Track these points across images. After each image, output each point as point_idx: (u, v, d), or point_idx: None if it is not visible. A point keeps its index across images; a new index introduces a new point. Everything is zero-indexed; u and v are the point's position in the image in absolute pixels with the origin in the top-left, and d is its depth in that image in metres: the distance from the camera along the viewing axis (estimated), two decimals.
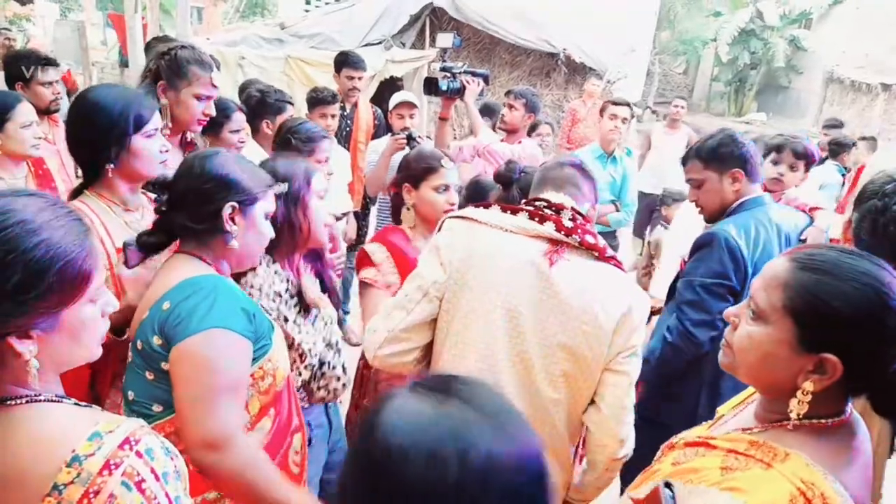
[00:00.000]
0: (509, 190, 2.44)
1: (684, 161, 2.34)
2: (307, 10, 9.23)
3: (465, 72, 3.76)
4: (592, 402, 1.69)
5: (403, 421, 0.72)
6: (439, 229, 1.79)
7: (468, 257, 1.68)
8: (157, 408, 1.43)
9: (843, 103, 18.62)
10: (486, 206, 1.76)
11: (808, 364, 1.02)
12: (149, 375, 1.42)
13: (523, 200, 1.80)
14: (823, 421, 1.04)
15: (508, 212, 1.71)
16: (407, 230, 2.29)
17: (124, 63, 11.37)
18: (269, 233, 1.60)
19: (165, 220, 1.54)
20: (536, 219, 1.67)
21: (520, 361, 1.66)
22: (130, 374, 1.47)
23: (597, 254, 1.66)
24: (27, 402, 0.95)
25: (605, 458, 1.69)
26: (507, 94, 4.16)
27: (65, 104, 3.61)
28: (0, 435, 0.93)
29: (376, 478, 0.71)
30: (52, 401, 0.98)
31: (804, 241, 2.32)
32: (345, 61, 4.30)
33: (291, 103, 3.43)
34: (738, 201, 2.25)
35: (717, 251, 2.15)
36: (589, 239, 1.66)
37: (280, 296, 1.83)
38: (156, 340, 1.39)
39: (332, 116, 3.76)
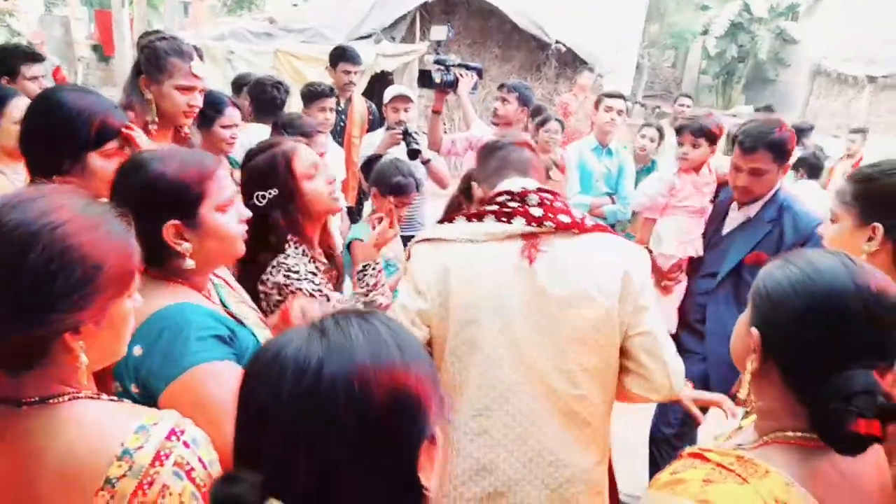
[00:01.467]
0: None
1: (752, 148, 2.41)
2: (295, 5, 9.15)
3: (459, 65, 3.75)
4: (629, 371, 1.65)
5: (265, 349, 0.79)
6: (408, 257, 1.74)
7: (443, 281, 1.62)
8: None
9: (830, 95, 18.73)
10: (451, 220, 1.71)
11: (750, 342, 1.06)
12: None
13: (487, 198, 1.73)
14: (809, 438, 1.02)
15: (474, 220, 1.66)
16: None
17: (102, 59, 11.27)
18: (237, 228, 1.42)
19: None
20: (504, 218, 1.62)
21: (527, 371, 1.60)
22: None
23: (576, 230, 1.62)
24: (70, 399, 0.96)
25: (666, 397, 1.69)
26: (500, 87, 4.15)
27: None
28: (51, 433, 0.93)
29: (239, 398, 0.79)
30: (91, 397, 0.99)
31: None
32: (342, 55, 4.28)
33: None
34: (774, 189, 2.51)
35: None
36: (563, 219, 1.61)
37: (315, 274, 1.83)
38: (133, 388, 1.28)
39: (330, 110, 3.73)
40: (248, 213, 1.47)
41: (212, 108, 2.83)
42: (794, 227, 2.41)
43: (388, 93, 3.97)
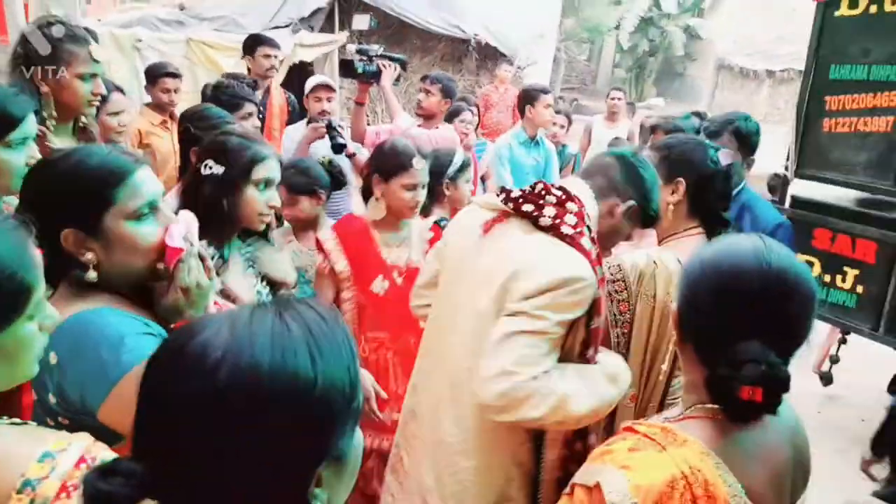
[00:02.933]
0: None
1: (717, 133, 2.53)
2: None
3: (382, 56, 3.68)
4: None
5: (171, 338, 0.75)
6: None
7: (447, 233, 1.89)
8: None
9: (733, 88, 19.72)
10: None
11: (673, 317, 1.19)
12: (50, 423, 1.20)
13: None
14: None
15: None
16: (368, 221, 2.36)
17: None
18: (150, 238, 1.26)
19: None
20: (503, 195, 1.68)
21: (447, 330, 1.71)
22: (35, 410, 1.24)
23: (534, 223, 1.59)
24: None
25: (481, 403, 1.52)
26: (423, 79, 4.11)
27: None
28: None
29: (140, 387, 0.72)
30: None
31: None
32: (258, 40, 4.13)
33: (250, 99, 3.12)
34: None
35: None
36: (527, 207, 1.60)
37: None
38: (51, 399, 1.17)
39: (249, 115, 3.24)
40: (175, 219, 1.34)
41: None
42: (756, 226, 2.46)
43: (310, 82, 3.86)
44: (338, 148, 3.32)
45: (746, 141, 2.58)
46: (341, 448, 0.73)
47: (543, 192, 1.64)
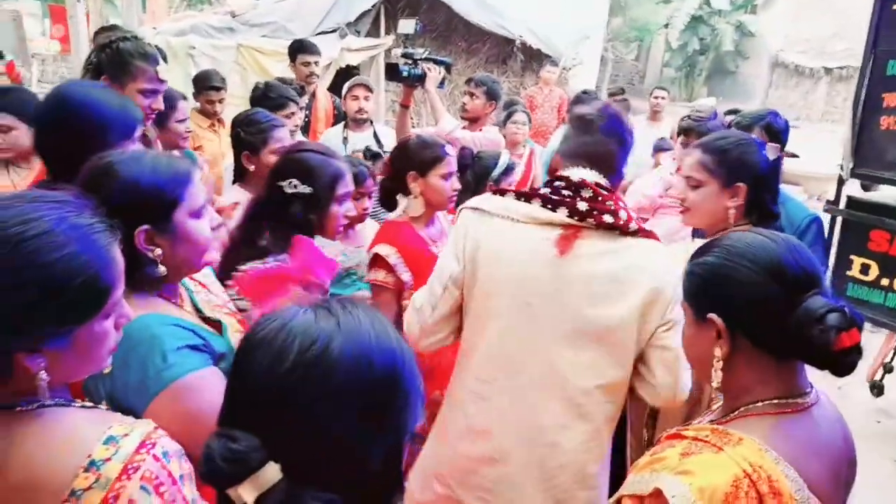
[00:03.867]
0: (463, 175, 2.56)
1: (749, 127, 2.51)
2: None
3: (427, 59, 3.71)
4: (641, 376, 1.66)
5: (272, 321, 0.80)
6: (457, 216, 1.79)
7: (476, 249, 1.67)
8: None
9: (788, 87, 19.15)
10: (502, 194, 1.72)
11: (710, 332, 1.11)
12: None
13: (546, 179, 1.76)
14: (778, 403, 1.08)
15: (522, 199, 1.67)
16: (412, 223, 2.34)
17: (59, 56, 10.83)
18: (207, 234, 1.38)
19: None
20: (549, 205, 1.62)
21: (538, 353, 1.62)
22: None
23: (619, 231, 1.60)
24: (36, 407, 0.93)
25: (667, 405, 1.73)
26: (468, 81, 4.11)
27: None
28: (12, 442, 0.90)
29: (236, 365, 0.81)
30: (60, 405, 0.95)
31: None
32: (299, 48, 4.24)
33: (294, 100, 3.29)
34: None
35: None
36: (607, 218, 1.59)
37: None
38: (104, 407, 1.19)
39: (292, 114, 3.38)
40: (220, 220, 1.45)
41: (165, 104, 2.78)
42: (789, 221, 2.41)
43: (348, 83, 3.93)
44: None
45: (777, 137, 2.58)
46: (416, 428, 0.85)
47: (589, 194, 1.61)
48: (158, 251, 1.29)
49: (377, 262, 2.27)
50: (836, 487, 1.09)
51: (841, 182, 3.59)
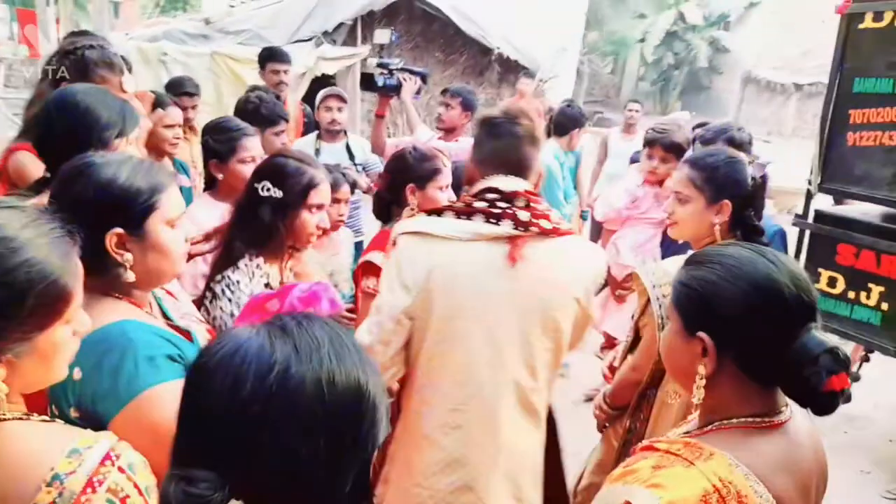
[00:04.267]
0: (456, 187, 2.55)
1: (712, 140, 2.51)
2: (232, 6, 8.93)
3: (402, 69, 3.70)
4: None
5: (223, 345, 0.76)
6: (393, 244, 1.71)
7: (429, 276, 1.62)
8: None
9: (760, 102, 19.52)
10: (439, 213, 1.70)
11: (696, 348, 1.09)
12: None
13: (473, 192, 1.73)
14: (753, 421, 1.09)
15: (463, 216, 1.66)
16: None
17: (27, 61, 10.65)
18: (180, 246, 1.37)
19: None
20: (493, 219, 1.63)
21: (501, 368, 1.66)
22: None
23: (553, 234, 1.67)
24: None
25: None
26: (443, 92, 4.11)
27: None
28: None
29: (187, 396, 0.76)
30: (19, 419, 0.93)
31: None
32: (269, 56, 4.20)
33: (286, 118, 3.21)
34: None
35: None
36: (545, 224, 1.65)
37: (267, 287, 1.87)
38: (72, 413, 1.20)
39: (281, 132, 3.29)
40: (194, 233, 1.42)
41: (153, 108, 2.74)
42: None
43: (321, 93, 3.90)
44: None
45: (739, 149, 2.58)
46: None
47: (523, 203, 1.66)
48: (129, 256, 1.26)
49: (370, 269, 2.26)
50: (806, 503, 1.09)
51: (809, 196, 3.64)
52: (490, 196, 1.67)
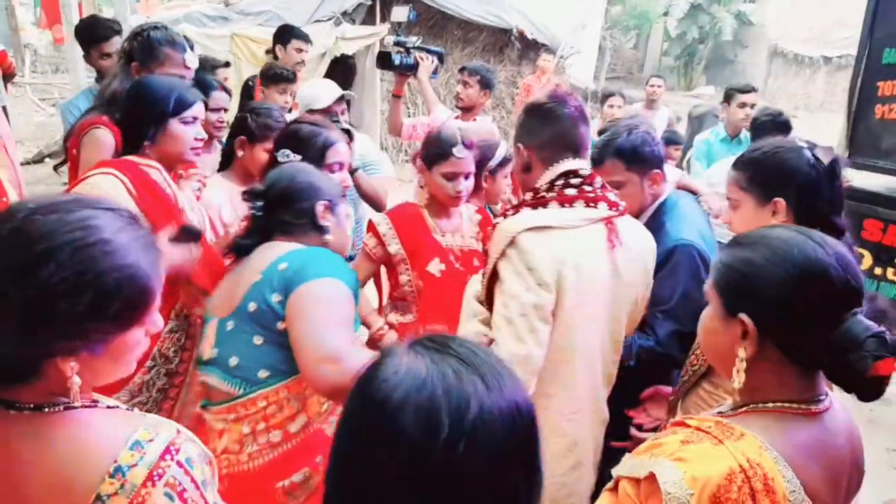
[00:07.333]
0: (478, 178, 2.57)
1: (599, 160, 2.09)
2: None
3: (419, 48, 3.68)
4: None
5: (399, 376, 0.72)
6: (511, 245, 1.64)
7: (560, 269, 1.62)
8: (262, 373, 1.55)
9: (787, 76, 19.08)
10: (544, 205, 1.68)
11: (736, 330, 1.07)
12: (257, 340, 1.55)
13: (550, 178, 1.71)
14: (790, 406, 1.07)
15: (566, 205, 1.67)
16: (425, 208, 2.39)
17: (52, 46, 10.73)
18: (349, 235, 1.78)
19: (261, 222, 1.69)
20: (592, 204, 1.69)
21: (602, 347, 1.77)
22: (232, 341, 1.58)
23: (621, 213, 1.75)
24: (64, 408, 0.94)
25: None
26: (461, 70, 4.07)
27: None
28: (41, 444, 0.92)
29: (371, 431, 0.72)
30: (87, 406, 0.96)
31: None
32: (292, 33, 4.13)
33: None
34: (655, 202, 2.16)
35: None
36: (623, 204, 1.75)
37: None
38: (275, 298, 1.52)
39: (291, 94, 3.49)
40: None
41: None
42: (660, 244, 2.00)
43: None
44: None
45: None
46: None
47: (600, 183, 1.74)
48: (329, 223, 1.72)
49: (369, 228, 2.39)
50: (836, 495, 1.08)
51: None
52: (574, 181, 1.69)
